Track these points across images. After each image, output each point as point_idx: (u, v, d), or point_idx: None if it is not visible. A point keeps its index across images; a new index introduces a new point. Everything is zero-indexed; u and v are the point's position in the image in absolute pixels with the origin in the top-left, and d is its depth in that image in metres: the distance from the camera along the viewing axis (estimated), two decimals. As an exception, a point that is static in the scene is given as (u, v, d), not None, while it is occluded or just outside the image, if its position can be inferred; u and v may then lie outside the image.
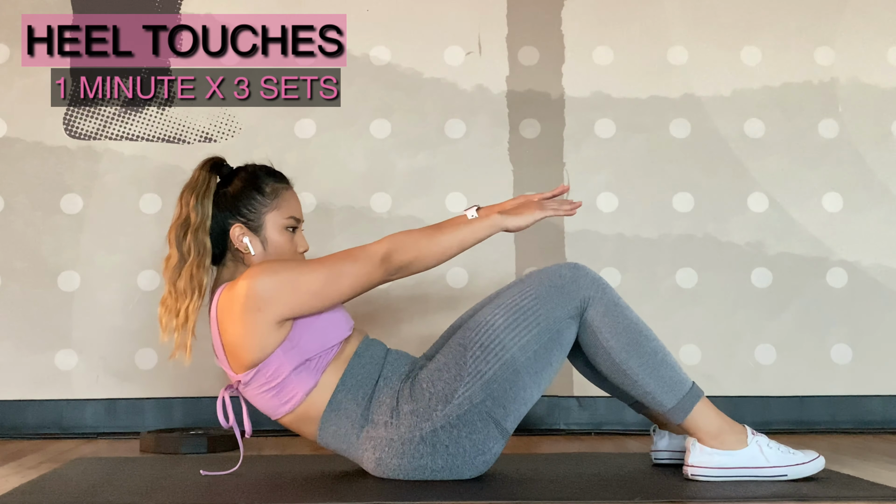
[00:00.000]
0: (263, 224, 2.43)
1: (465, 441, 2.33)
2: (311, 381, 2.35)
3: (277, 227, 2.43)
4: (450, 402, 2.32)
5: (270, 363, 2.34)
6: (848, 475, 2.44)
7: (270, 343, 2.32)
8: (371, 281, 2.34)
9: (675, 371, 2.38)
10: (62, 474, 2.53)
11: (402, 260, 2.33)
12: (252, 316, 2.30)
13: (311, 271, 2.33)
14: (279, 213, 2.44)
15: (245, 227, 2.42)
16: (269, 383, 2.36)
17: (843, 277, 3.51)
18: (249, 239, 2.42)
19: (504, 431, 2.36)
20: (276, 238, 2.43)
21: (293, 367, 2.34)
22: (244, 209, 2.42)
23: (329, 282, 2.32)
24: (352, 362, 2.38)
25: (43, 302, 3.41)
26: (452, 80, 3.52)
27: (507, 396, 2.33)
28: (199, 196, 2.40)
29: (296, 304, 2.31)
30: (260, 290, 2.29)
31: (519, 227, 2.38)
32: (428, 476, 2.34)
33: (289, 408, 2.37)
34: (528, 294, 2.36)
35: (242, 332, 2.32)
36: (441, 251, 2.35)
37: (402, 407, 2.33)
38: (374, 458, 2.35)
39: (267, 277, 2.30)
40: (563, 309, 2.35)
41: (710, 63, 3.55)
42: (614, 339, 2.36)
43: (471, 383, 2.32)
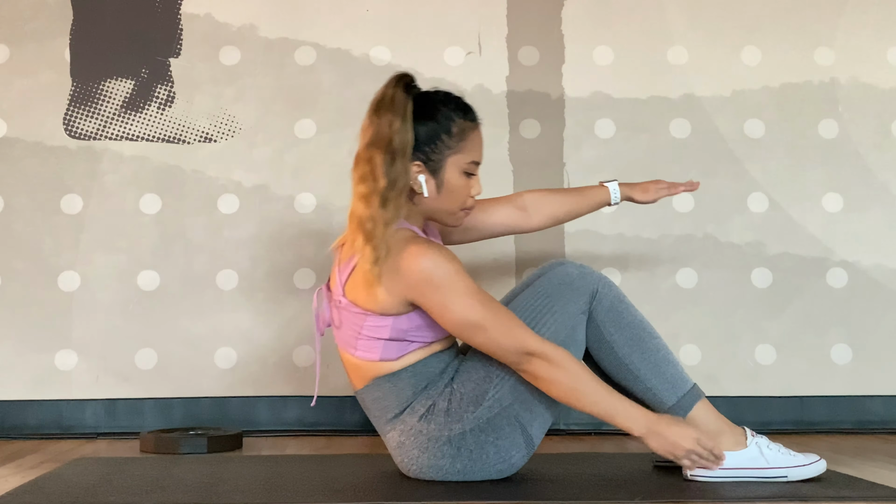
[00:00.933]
0: (444, 166, 2.33)
1: (490, 447, 2.32)
2: (393, 355, 2.31)
3: (457, 171, 2.34)
4: (480, 405, 2.31)
5: (379, 319, 2.28)
6: (848, 475, 2.44)
7: (391, 308, 2.26)
8: (499, 355, 2.25)
9: (676, 369, 2.39)
10: (62, 474, 2.53)
11: (540, 372, 2.24)
12: (399, 284, 2.23)
13: (470, 306, 2.23)
14: (462, 156, 2.34)
15: (424, 165, 2.32)
16: (361, 329, 2.30)
17: (843, 277, 3.51)
18: (426, 178, 2.32)
19: (529, 440, 2.36)
20: (454, 181, 2.34)
21: (391, 337, 2.30)
22: (427, 148, 2.31)
23: (471, 327, 2.24)
24: (431, 357, 2.35)
25: (43, 302, 3.41)
26: (452, 80, 3.52)
27: (533, 398, 2.33)
28: (404, 118, 2.26)
29: (435, 312, 2.25)
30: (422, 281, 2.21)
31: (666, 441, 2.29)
32: (441, 477, 2.34)
33: (360, 356, 2.34)
34: (540, 294, 2.36)
35: (380, 284, 2.24)
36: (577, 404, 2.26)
37: (439, 404, 2.33)
38: (398, 441, 2.36)
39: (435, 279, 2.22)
40: (576, 304, 2.35)
41: (710, 63, 3.55)
42: (618, 334, 2.37)
43: (500, 385, 2.32)
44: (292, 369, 3.42)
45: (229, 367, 3.42)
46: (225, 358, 3.42)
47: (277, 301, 3.43)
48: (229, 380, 3.42)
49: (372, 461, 2.69)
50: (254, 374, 3.42)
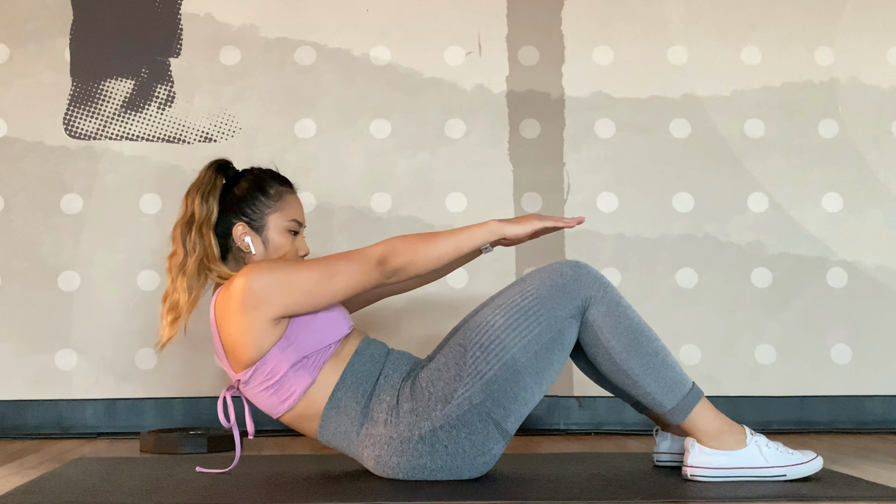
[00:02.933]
0: (266, 224, 2.46)
1: (464, 441, 2.33)
2: (309, 378, 2.35)
3: (279, 229, 2.47)
4: (449, 403, 2.32)
5: (268, 361, 2.34)
6: (848, 475, 2.44)
7: (267, 341, 2.33)
8: (366, 282, 2.34)
9: (675, 372, 2.38)
10: (62, 474, 2.53)
11: (398, 263, 2.33)
12: (248, 314, 2.31)
13: (307, 270, 2.34)
14: (282, 214, 2.47)
15: (248, 226, 2.45)
16: (267, 381, 2.36)
17: (843, 277, 3.51)
18: (251, 238, 2.45)
19: (504, 432, 2.36)
20: (278, 239, 2.46)
21: (290, 365, 2.34)
22: (248, 209, 2.46)
23: (323, 280, 2.32)
24: (352, 360, 2.38)
25: (43, 302, 3.41)
26: (452, 80, 3.52)
27: (508, 397, 2.33)
28: (203, 194, 2.43)
29: (290, 302, 2.32)
30: (255, 287, 2.30)
31: (517, 234, 2.38)
32: (427, 476, 2.34)
33: (288, 405, 2.38)
34: (528, 293, 2.36)
35: (239, 330, 2.33)
36: (437, 255, 2.35)
37: (402, 405, 2.34)
38: (374, 455, 2.36)
39: (262, 275, 2.31)
40: (565, 308, 2.34)
41: (710, 63, 3.55)
42: (615, 340, 2.35)
43: (470, 384, 2.32)
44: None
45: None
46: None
47: (277, 301, 3.42)
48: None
49: (372, 461, 2.69)
50: (254, 374, 3.42)
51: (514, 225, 2.38)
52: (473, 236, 2.37)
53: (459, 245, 2.37)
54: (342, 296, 2.36)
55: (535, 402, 2.38)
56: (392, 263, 2.33)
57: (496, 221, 2.38)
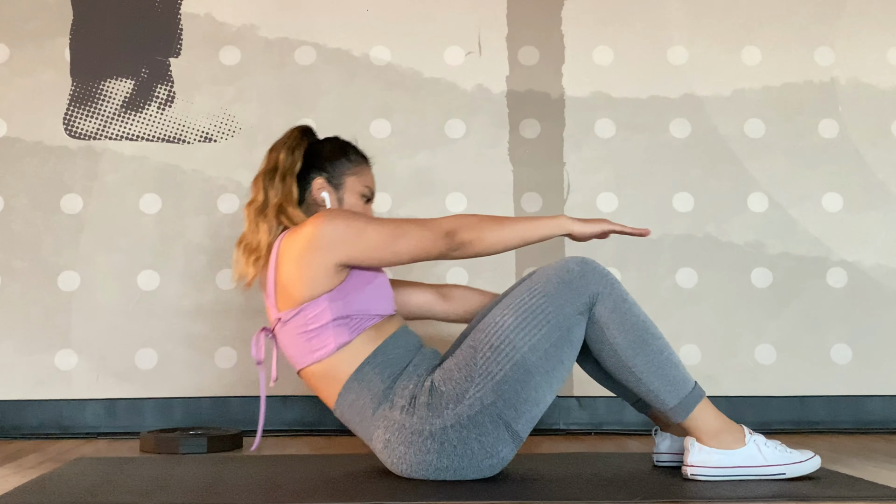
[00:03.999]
0: (343, 183, 2.56)
1: (473, 443, 2.32)
2: (346, 337, 2.38)
3: (355, 192, 2.57)
4: (460, 403, 2.31)
5: (315, 305, 2.38)
6: (848, 475, 2.44)
7: (322, 285, 2.37)
8: (431, 250, 2.38)
9: (678, 370, 2.38)
10: (62, 474, 2.53)
11: (465, 237, 2.35)
12: (313, 254, 2.36)
13: (378, 225, 2.39)
14: (358, 179, 2.58)
15: (327, 182, 2.55)
16: (306, 326, 2.39)
17: (843, 277, 3.51)
18: (328, 193, 2.54)
19: (515, 435, 2.35)
20: (352, 200, 2.56)
21: (333, 318, 2.38)
22: (328, 166, 2.56)
23: (392, 238, 2.37)
24: (388, 340, 2.41)
25: (43, 302, 3.41)
26: (452, 80, 3.52)
27: (519, 397, 2.33)
28: (290, 147, 2.54)
29: (356, 252, 2.37)
30: (327, 230, 2.36)
31: (583, 233, 2.41)
32: (431, 474, 2.34)
33: (317, 357, 2.40)
34: (536, 292, 2.36)
35: (300, 267, 2.38)
36: (502, 239, 2.38)
37: (420, 398, 2.34)
38: (384, 438, 2.37)
39: (336, 220, 2.38)
40: (572, 305, 2.34)
41: (710, 63, 3.55)
42: (621, 336, 2.35)
43: (482, 384, 2.32)
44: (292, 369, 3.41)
45: (229, 367, 3.42)
46: (225, 358, 3.42)
47: (277, 301, 3.43)
48: (229, 380, 3.42)
49: (372, 461, 2.69)
50: (254, 374, 3.42)
51: (582, 224, 2.41)
52: (542, 228, 2.40)
53: (527, 234, 2.40)
54: (406, 257, 2.39)
55: (547, 403, 2.37)
56: (459, 237, 2.36)
57: (566, 218, 2.41)
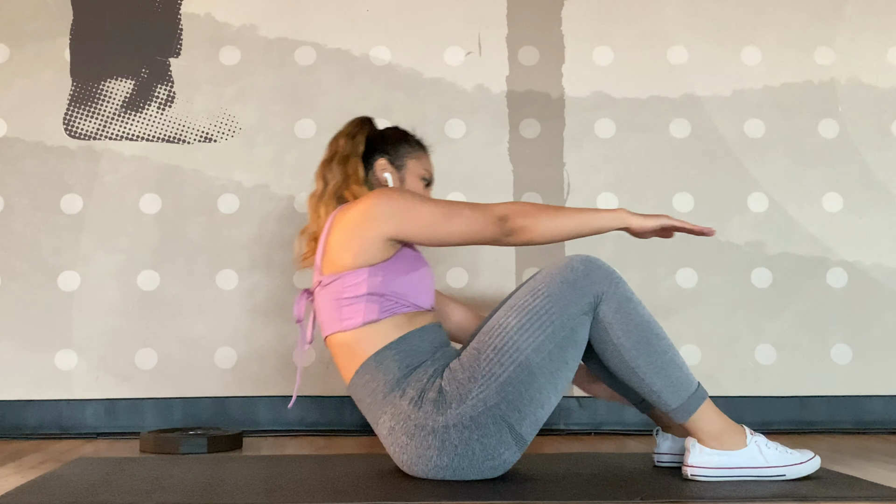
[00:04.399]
0: (405, 165, 2.63)
1: (475, 444, 2.32)
2: (375, 315, 2.40)
3: (416, 174, 2.63)
4: (463, 403, 2.31)
5: (355, 275, 2.40)
6: (848, 475, 2.44)
7: (368, 255, 2.40)
8: (484, 233, 2.38)
9: (682, 371, 2.37)
10: (62, 474, 2.53)
11: (518, 223, 2.36)
12: (364, 223, 2.40)
13: (433, 204, 2.42)
14: (419, 162, 2.65)
15: (389, 163, 2.61)
16: (342, 294, 2.41)
17: (843, 277, 3.51)
18: (391, 174, 2.60)
19: (519, 437, 2.35)
20: (412, 182, 2.62)
21: (369, 292, 2.40)
22: (391, 148, 2.63)
23: (445, 218, 2.39)
24: (415, 331, 2.41)
25: (43, 302, 3.41)
26: (452, 80, 3.52)
27: (523, 399, 2.32)
28: (350, 134, 2.62)
29: (408, 228, 2.39)
30: (382, 203, 2.40)
31: (643, 227, 2.39)
32: (431, 470, 2.34)
33: (345, 326, 2.42)
34: (540, 293, 2.34)
35: (350, 235, 2.42)
36: (558, 227, 2.38)
37: (429, 393, 2.34)
38: (389, 425, 2.37)
39: (392, 195, 2.43)
40: (577, 305, 2.33)
41: (710, 63, 3.55)
42: (625, 337, 2.34)
43: (485, 385, 2.31)
44: (292, 369, 3.42)
45: (229, 367, 3.42)
46: (225, 358, 3.42)
47: (277, 301, 3.43)
48: (229, 380, 3.42)
49: (371, 461, 2.69)
50: (254, 374, 3.43)
51: (642, 218, 2.39)
52: (598, 220, 2.40)
53: (583, 225, 2.39)
54: (456, 238, 2.41)
55: (552, 405, 2.36)
56: (513, 223, 2.36)
57: (625, 211, 2.40)
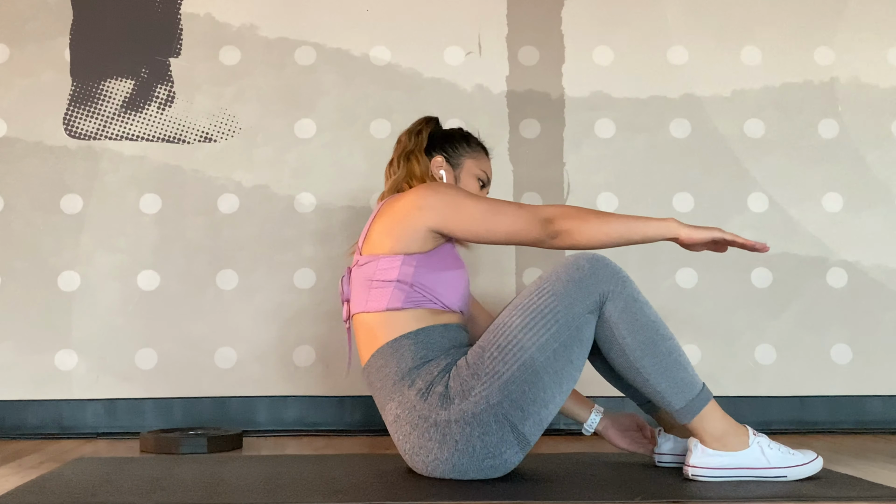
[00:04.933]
0: (461, 164, 2.68)
1: (476, 441, 2.32)
2: (398, 303, 2.41)
3: (471, 173, 2.68)
4: (466, 399, 2.31)
5: (390, 261, 2.43)
6: (848, 475, 2.44)
7: (407, 243, 2.43)
8: (528, 234, 2.38)
9: (687, 372, 2.36)
10: (62, 474, 2.53)
11: (564, 226, 2.35)
12: (409, 212, 2.43)
13: (479, 200, 2.44)
14: (476, 163, 2.70)
15: (446, 161, 2.67)
16: (373, 276, 2.44)
17: (843, 277, 3.51)
18: (446, 172, 2.65)
19: (522, 437, 2.34)
20: (467, 181, 2.67)
21: (398, 279, 2.41)
22: (449, 147, 2.69)
23: (489, 214, 2.41)
24: (437, 326, 2.42)
25: (43, 302, 3.41)
26: (452, 80, 3.52)
27: (526, 398, 2.31)
28: (414, 132, 2.68)
29: (452, 221, 2.41)
30: (430, 195, 2.44)
31: (692, 238, 2.35)
32: (430, 463, 2.34)
33: (369, 307, 2.44)
34: (545, 291, 2.34)
35: (394, 221, 2.45)
36: (605, 233, 2.35)
37: (436, 387, 2.34)
38: (395, 413, 2.39)
39: (440, 187, 2.46)
40: (582, 304, 2.32)
41: (710, 63, 3.55)
42: (630, 337, 2.33)
43: (488, 383, 2.31)
44: (292, 369, 3.42)
45: (229, 367, 3.42)
46: (225, 358, 3.42)
47: (277, 301, 3.43)
48: (229, 380, 3.42)
49: (372, 461, 2.69)
50: (254, 374, 3.43)
51: (692, 229, 2.35)
52: (647, 228, 2.36)
53: (630, 232, 2.36)
54: (500, 236, 2.42)
55: (557, 404, 2.35)
56: (558, 225, 2.35)
57: (676, 221, 2.35)
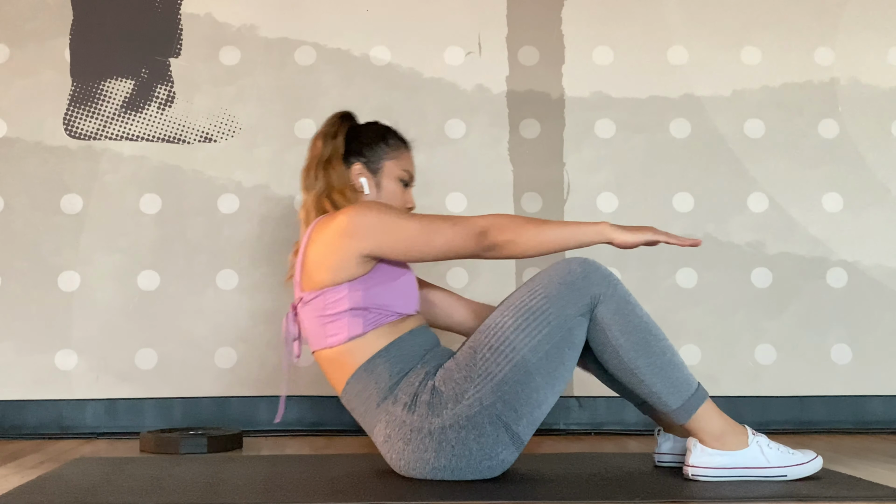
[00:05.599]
0: (382, 168, 2.57)
1: (472, 444, 2.32)
2: (359, 329, 2.39)
3: (393, 176, 2.57)
4: (459, 403, 2.31)
5: (335, 292, 2.39)
6: (848, 475, 2.44)
7: (347, 271, 2.38)
8: (463, 248, 2.36)
9: (682, 372, 2.37)
10: (62, 474, 2.53)
11: (499, 238, 2.33)
12: (342, 240, 2.37)
13: (411, 220, 2.39)
14: (397, 163, 2.58)
15: (365, 167, 2.56)
16: (324, 311, 2.40)
17: (843, 277, 3.51)
18: (367, 179, 2.55)
19: (516, 437, 2.35)
20: (390, 185, 2.57)
21: (351, 307, 2.38)
22: (367, 151, 2.57)
23: (423, 234, 2.37)
24: (404, 337, 2.41)
25: (43, 302, 3.41)
26: (452, 80, 3.52)
27: (520, 399, 2.32)
28: (329, 135, 2.57)
29: (386, 245, 2.37)
30: (360, 220, 2.38)
31: (625, 242, 2.33)
32: (429, 472, 2.34)
33: (330, 343, 2.41)
34: (537, 293, 2.35)
35: (328, 251, 2.39)
36: (539, 242, 2.34)
37: (422, 396, 2.34)
38: (385, 433, 2.37)
39: (370, 211, 2.40)
40: (574, 306, 2.33)
41: (710, 63, 3.55)
42: (624, 338, 2.34)
43: (481, 385, 2.31)
44: (292, 369, 3.42)
45: (229, 367, 3.42)
46: (225, 358, 3.42)
47: (277, 301, 3.43)
48: (229, 380, 3.42)
49: (372, 461, 2.69)
50: (254, 374, 3.43)
51: (624, 232, 2.34)
52: (581, 234, 2.35)
53: (565, 239, 2.36)
54: (437, 254, 2.39)
55: (549, 405, 2.36)
56: (493, 237, 2.33)
57: (608, 225, 2.34)
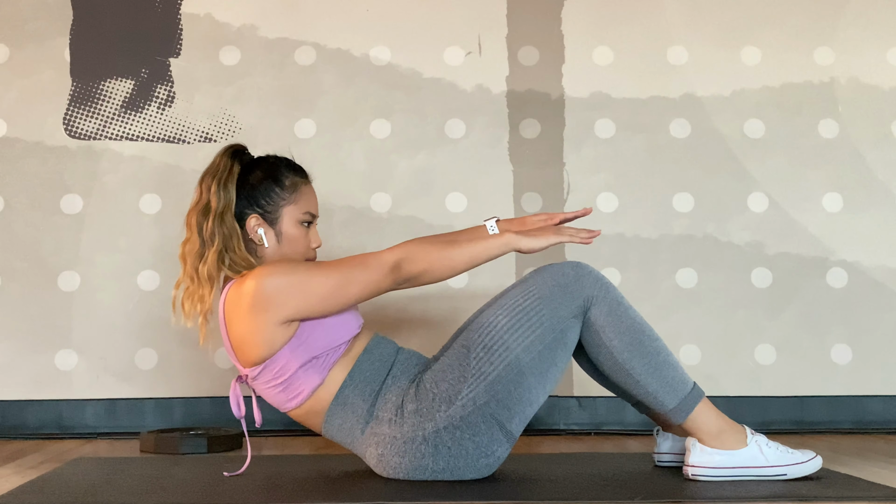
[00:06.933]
0: (280, 217, 2.44)
1: (468, 443, 2.33)
2: (318, 378, 2.36)
3: (293, 221, 2.46)
4: (453, 404, 2.32)
5: (277, 360, 2.34)
6: (848, 475, 2.44)
7: (277, 341, 2.33)
8: (379, 289, 2.34)
9: (677, 371, 2.38)
10: (62, 474, 2.53)
11: (412, 271, 2.31)
12: (258, 315, 2.30)
13: (321, 275, 2.33)
14: (296, 207, 2.46)
15: (262, 218, 2.43)
16: (276, 379, 2.36)
17: (843, 277, 3.51)
18: (264, 231, 2.43)
19: (509, 434, 2.36)
20: (292, 231, 2.45)
21: (300, 365, 2.34)
22: (262, 200, 2.43)
23: (338, 287, 2.32)
24: (360, 359, 2.39)
25: (43, 302, 3.41)
26: (452, 80, 3.52)
27: (512, 398, 2.33)
28: (221, 181, 2.40)
29: (303, 307, 2.31)
30: (268, 289, 2.29)
31: (532, 248, 2.35)
32: (429, 476, 2.34)
33: (296, 403, 2.38)
34: (531, 294, 2.36)
35: (249, 330, 2.33)
36: (451, 266, 2.33)
37: (407, 406, 2.34)
38: (377, 454, 2.36)
39: (275, 278, 2.30)
40: (567, 308, 2.34)
41: (710, 63, 3.55)
42: (617, 339, 2.36)
43: (474, 385, 2.32)
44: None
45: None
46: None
47: (277, 301, 3.42)
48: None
49: (372, 461, 2.69)
50: (254, 374, 3.42)
51: (529, 239, 2.34)
52: (489, 249, 2.35)
53: (476, 256, 2.35)
54: (355, 302, 2.37)
55: (540, 403, 2.38)
56: (406, 271, 2.31)
57: (513, 235, 2.35)
